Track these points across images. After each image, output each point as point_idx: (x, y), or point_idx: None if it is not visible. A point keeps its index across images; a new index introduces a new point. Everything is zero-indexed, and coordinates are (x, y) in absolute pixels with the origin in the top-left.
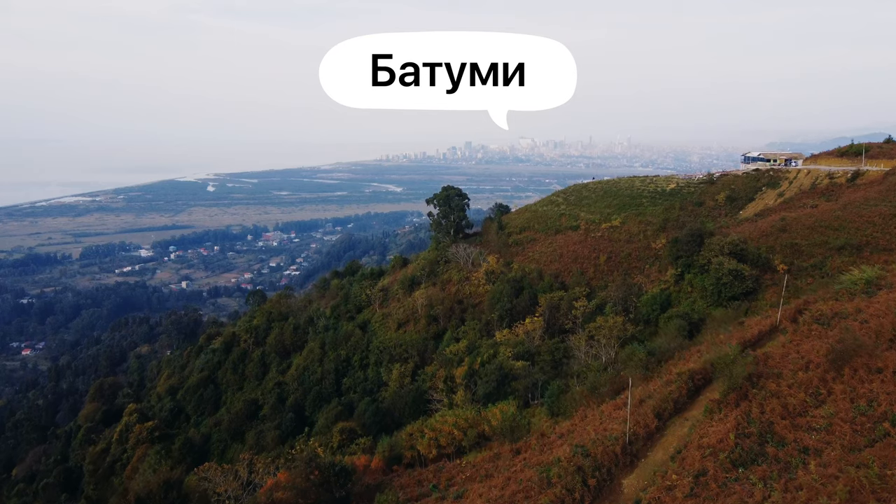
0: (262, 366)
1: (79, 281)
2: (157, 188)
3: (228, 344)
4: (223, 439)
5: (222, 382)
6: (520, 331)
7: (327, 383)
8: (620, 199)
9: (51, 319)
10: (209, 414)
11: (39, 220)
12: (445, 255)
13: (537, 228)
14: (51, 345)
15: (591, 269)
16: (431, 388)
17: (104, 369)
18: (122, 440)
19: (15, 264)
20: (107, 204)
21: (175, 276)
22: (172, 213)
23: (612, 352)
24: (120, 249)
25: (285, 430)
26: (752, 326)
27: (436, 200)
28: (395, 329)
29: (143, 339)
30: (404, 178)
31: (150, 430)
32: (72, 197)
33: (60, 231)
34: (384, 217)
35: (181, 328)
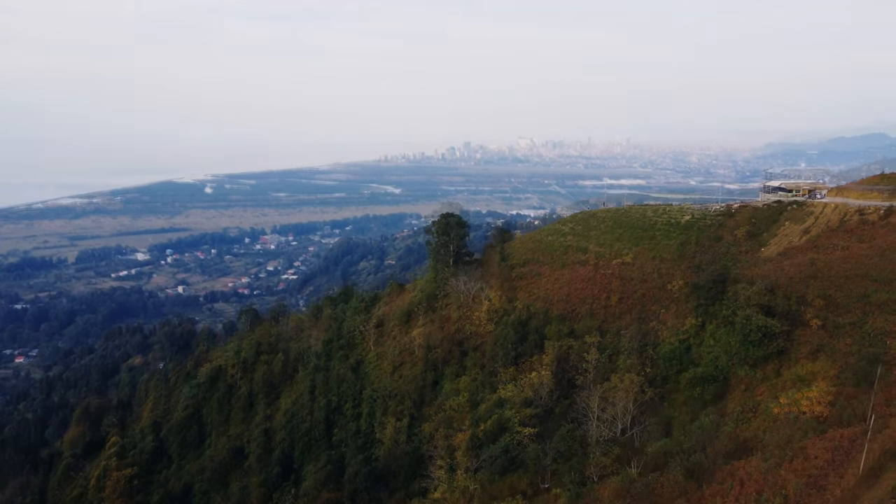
0: (249, 405)
1: (74, 286)
2: (155, 189)
3: (214, 378)
4: (206, 490)
5: (207, 422)
6: (526, 385)
7: (317, 433)
8: (632, 230)
9: (45, 326)
10: (192, 456)
11: (35, 223)
12: (444, 288)
13: (542, 261)
14: (44, 352)
15: (602, 311)
16: (429, 453)
17: (95, 382)
18: (99, 486)
19: (10, 268)
20: (104, 206)
21: (171, 280)
22: (169, 215)
23: (629, 417)
24: (116, 253)
25: (271, 485)
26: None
27: (434, 229)
28: (390, 372)
29: (136, 350)
30: (403, 178)
31: (129, 479)
32: (69, 199)
33: (56, 234)
34: (383, 219)
35: (174, 339)
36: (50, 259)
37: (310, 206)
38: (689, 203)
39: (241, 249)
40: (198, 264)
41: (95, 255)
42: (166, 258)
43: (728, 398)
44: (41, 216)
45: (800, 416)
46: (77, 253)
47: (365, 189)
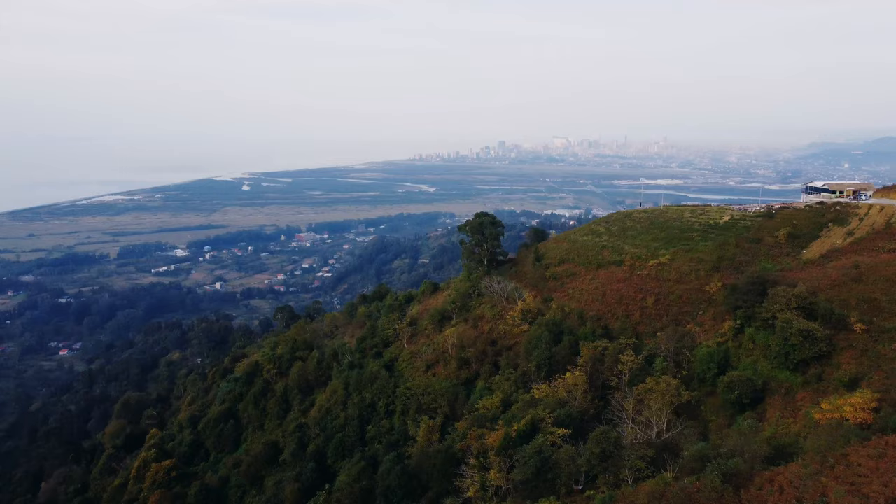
0: (284, 402)
1: (115, 281)
2: (194, 187)
3: (251, 374)
4: (241, 484)
5: (243, 417)
6: (560, 386)
7: (350, 430)
8: (668, 231)
9: (87, 320)
10: (229, 451)
11: (79, 219)
12: (478, 288)
13: (577, 261)
14: (87, 346)
15: (638, 313)
16: (461, 451)
17: (135, 377)
18: (139, 477)
19: (54, 263)
20: (144, 203)
21: (209, 276)
22: (208, 212)
23: (665, 420)
24: (156, 249)
25: (305, 481)
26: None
27: (468, 228)
28: (423, 370)
29: (174, 345)
30: (437, 177)
31: (168, 471)
32: (111, 195)
33: (99, 230)
34: (416, 218)
35: (211, 336)
36: (93, 254)
37: (344, 205)
38: (727, 204)
39: (276, 247)
40: (235, 261)
41: (136, 250)
42: (204, 255)
43: (767, 403)
44: (84, 212)
45: (842, 422)
46: (118, 249)
47: (399, 188)
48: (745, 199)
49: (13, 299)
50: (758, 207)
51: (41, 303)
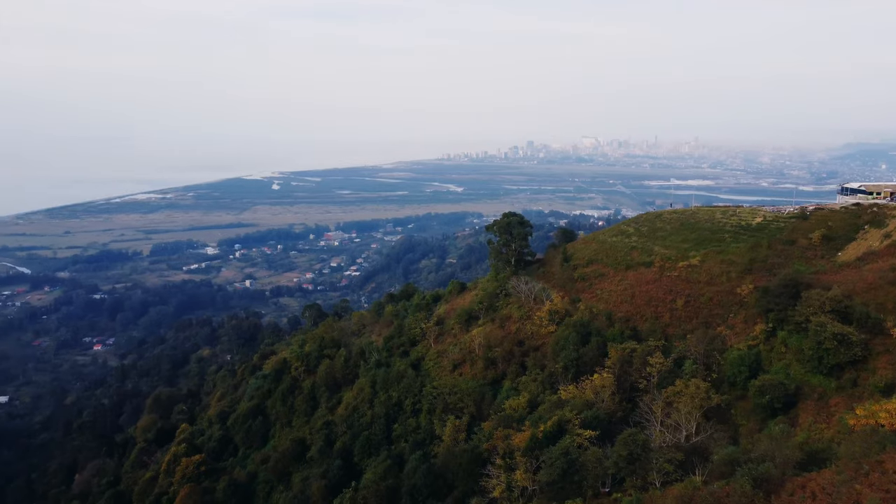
0: (312, 399)
1: (148, 278)
2: (225, 186)
3: (279, 371)
4: (269, 480)
5: (271, 413)
6: (587, 387)
7: (377, 428)
8: (699, 232)
9: (121, 316)
10: (257, 447)
11: (113, 217)
12: (505, 288)
13: (606, 262)
14: (120, 341)
15: (667, 315)
16: (487, 452)
17: (166, 372)
18: (169, 471)
19: (89, 260)
20: (176, 201)
21: (239, 274)
22: (238, 210)
23: (694, 424)
24: (187, 247)
25: (332, 478)
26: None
27: (496, 228)
28: (450, 370)
29: (204, 342)
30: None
31: (197, 465)
32: (144, 194)
33: (132, 228)
34: (444, 217)
35: (241, 333)
36: (126, 252)
37: (373, 204)
38: (760, 205)
39: (305, 245)
40: (264, 259)
41: (168, 248)
42: (234, 253)
43: (800, 407)
44: (118, 210)
45: (877, 428)
46: (151, 246)
47: (427, 187)
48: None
49: (49, 295)
50: (791, 209)
51: (76, 299)
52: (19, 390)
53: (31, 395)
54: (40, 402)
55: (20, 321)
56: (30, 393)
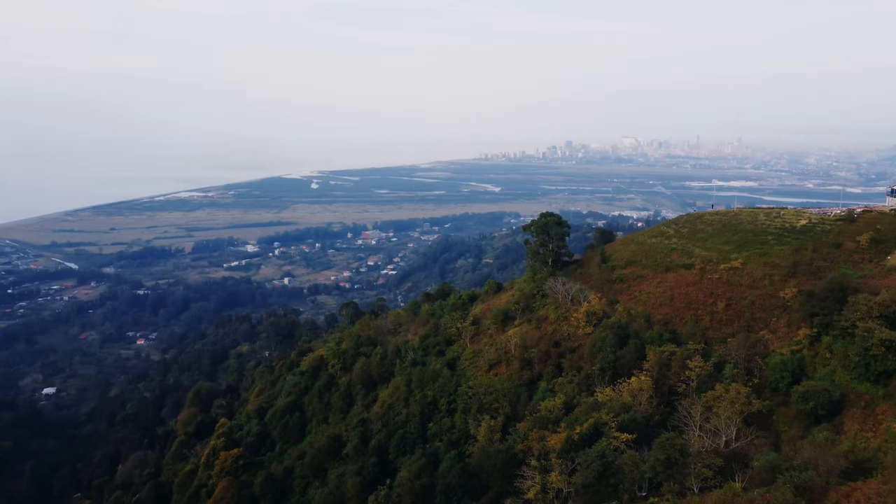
0: (348, 396)
1: (189, 274)
2: (265, 185)
3: (316, 368)
4: (305, 475)
5: (308, 409)
6: (624, 390)
7: (412, 427)
8: (741, 234)
9: (163, 311)
10: (294, 442)
11: (156, 214)
12: (542, 289)
13: (645, 264)
14: (162, 336)
15: (707, 318)
16: (522, 452)
17: (206, 367)
18: (208, 464)
19: (133, 256)
20: (218, 199)
21: (278, 272)
22: (277, 209)
23: (734, 429)
24: (228, 244)
25: (367, 475)
26: None
27: (533, 228)
28: (485, 370)
29: (244, 337)
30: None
31: (235, 459)
32: (186, 192)
33: (175, 225)
34: (481, 217)
35: (279, 329)
36: (169, 249)
37: (410, 203)
38: (805, 207)
39: (343, 244)
40: (302, 257)
41: (209, 245)
42: (273, 250)
43: (845, 415)
44: (161, 208)
45: None
46: (193, 243)
47: (464, 187)
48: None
49: (96, 290)
50: (838, 211)
51: (121, 294)
52: (66, 382)
53: (77, 387)
54: (86, 393)
55: (68, 315)
56: (76, 385)
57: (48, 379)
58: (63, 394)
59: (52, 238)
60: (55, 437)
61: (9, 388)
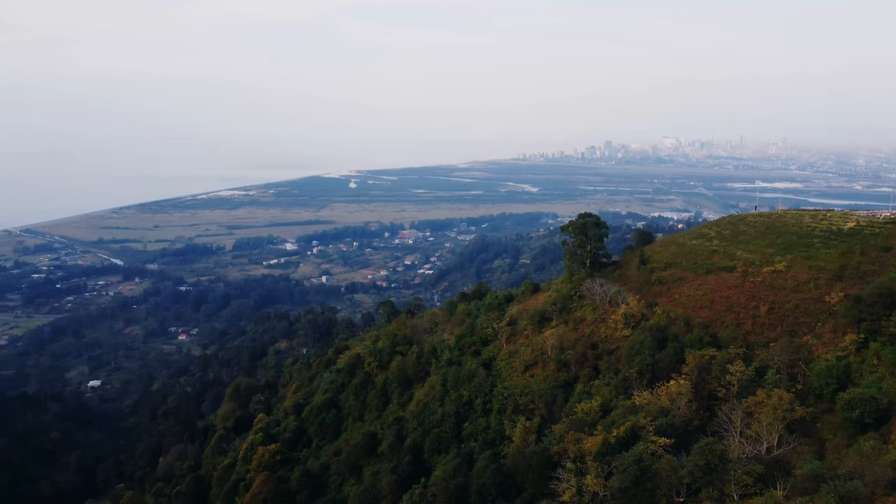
0: (384, 395)
1: (230, 271)
2: (304, 184)
3: (352, 366)
4: (341, 472)
5: (344, 407)
6: (663, 394)
7: (447, 426)
8: (785, 237)
9: (204, 307)
10: (330, 439)
11: (199, 212)
12: (579, 290)
13: (685, 266)
14: (203, 332)
15: (749, 322)
16: (558, 455)
17: (245, 363)
18: (246, 459)
19: (176, 253)
20: (258, 198)
21: (316, 270)
22: (316, 208)
23: (776, 436)
24: (267, 242)
25: (402, 473)
26: None
27: (571, 229)
28: (521, 371)
29: (282, 335)
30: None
31: (273, 455)
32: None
33: (216, 223)
34: (518, 218)
35: (317, 327)
36: (210, 246)
37: (447, 203)
38: (852, 209)
39: (380, 243)
40: (340, 256)
41: (249, 243)
42: (312, 249)
43: (892, 423)
44: (203, 206)
45: None
46: (233, 241)
47: (502, 187)
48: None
49: (139, 286)
50: (888, 213)
51: (164, 290)
52: (111, 375)
53: (121, 381)
54: (129, 387)
55: (113, 310)
56: (120, 378)
57: (94, 372)
58: (108, 387)
59: (99, 235)
60: (100, 428)
61: (56, 380)
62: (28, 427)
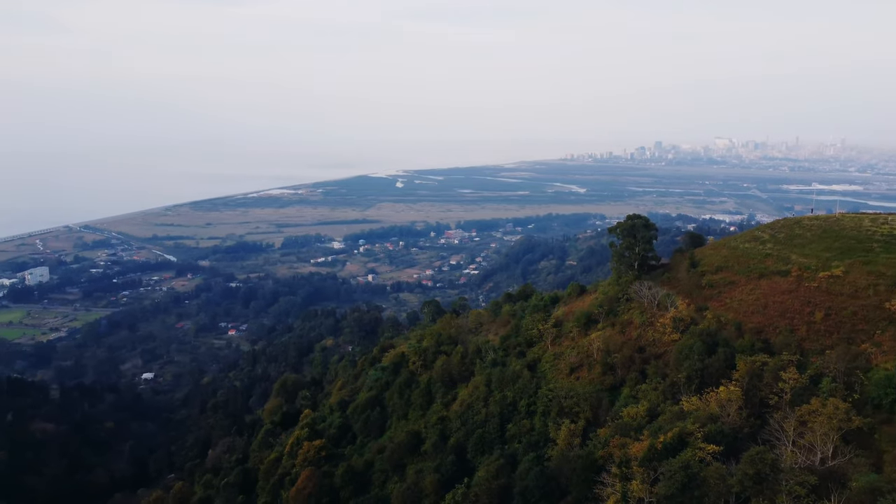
0: (428, 394)
1: (278, 269)
2: (351, 183)
3: (397, 364)
4: (385, 470)
5: (389, 405)
6: (712, 400)
7: (491, 427)
8: (843, 241)
9: (253, 304)
10: (374, 436)
11: (249, 211)
12: (627, 293)
13: (737, 269)
14: (251, 328)
15: (804, 328)
16: (603, 459)
17: (292, 359)
18: (292, 453)
19: (227, 250)
20: (307, 197)
21: (362, 268)
22: (363, 207)
23: (830, 446)
24: (315, 241)
25: (445, 472)
26: None
27: (619, 230)
28: (566, 373)
29: (328, 332)
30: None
31: (318, 450)
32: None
33: (266, 221)
34: (565, 219)
35: (362, 325)
36: (260, 244)
37: (493, 203)
38: None
39: (426, 243)
40: (386, 255)
41: (298, 241)
42: (358, 248)
43: None
44: (255, 204)
45: None
46: (282, 239)
47: (548, 187)
48: None
49: (191, 282)
50: None
51: (215, 286)
52: (163, 368)
53: (172, 374)
54: (181, 380)
55: (166, 305)
56: (172, 371)
57: (147, 365)
58: (160, 379)
59: (154, 231)
60: (152, 420)
61: (112, 371)
62: (85, 416)
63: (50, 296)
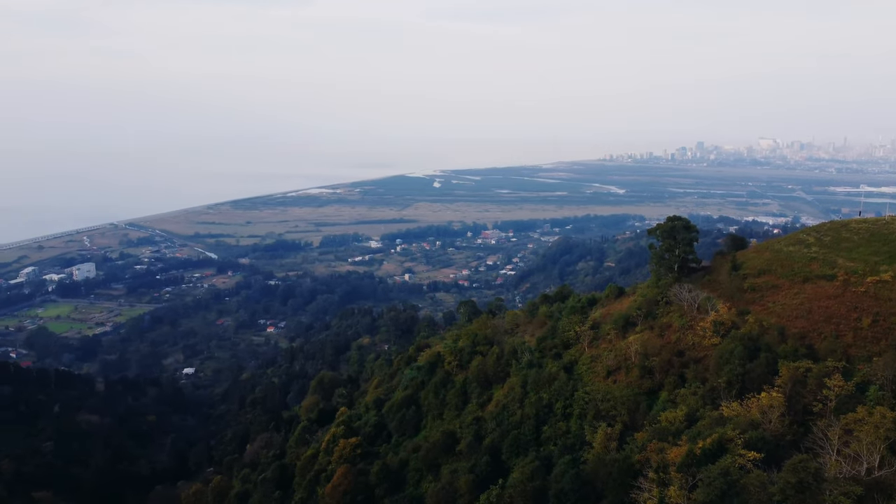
0: (463, 394)
1: (316, 267)
2: (389, 182)
3: (433, 364)
4: (419, 469)
5: (424, 404)
6: (753, 406)
7: (526, 429)
8: (893, 245)
9: (291, 302)
10: (409, 435)
11: (288, 209)
12: (666, 295)
13: (780, 273)
14: (290, 325)
15: (850, 334)
16: (640, 463)
17: (329, 357)
18: (328, 450)
19: (266, 248)
20: (345, 196)
21: (399, 268)
22: (400, 206)
23: (877, 456)
24: (353, 240)
25: (480, 473)
26: None
27: (659, 232)
28: (603, 376)
29: (365, 330)
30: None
31: (353, 448)
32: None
33: (304, 220)
34: (603, 220)
35: (399, 324)
36: (298, 242)
37: (531, 204)
38: None
39: (463, 243)
40: (423, 255)
41: (335, 240)
42: (395, 247)
43: None
44: (293, 203)
45: None
46: (321, 238)
47: (587, 188)
48: None
49: (232, 279)
50: None
51: (254, 283)
52: (203, 364)
53: (212, 369)
54: (220, 375)
55: (207, 301)
56: (212, 367)
57: (188, 360)
58: (201, 374)
59: (196, 229)
60: (193, 414)
61: (154, 366)
62: (129, 409)
63: (96, 291)
